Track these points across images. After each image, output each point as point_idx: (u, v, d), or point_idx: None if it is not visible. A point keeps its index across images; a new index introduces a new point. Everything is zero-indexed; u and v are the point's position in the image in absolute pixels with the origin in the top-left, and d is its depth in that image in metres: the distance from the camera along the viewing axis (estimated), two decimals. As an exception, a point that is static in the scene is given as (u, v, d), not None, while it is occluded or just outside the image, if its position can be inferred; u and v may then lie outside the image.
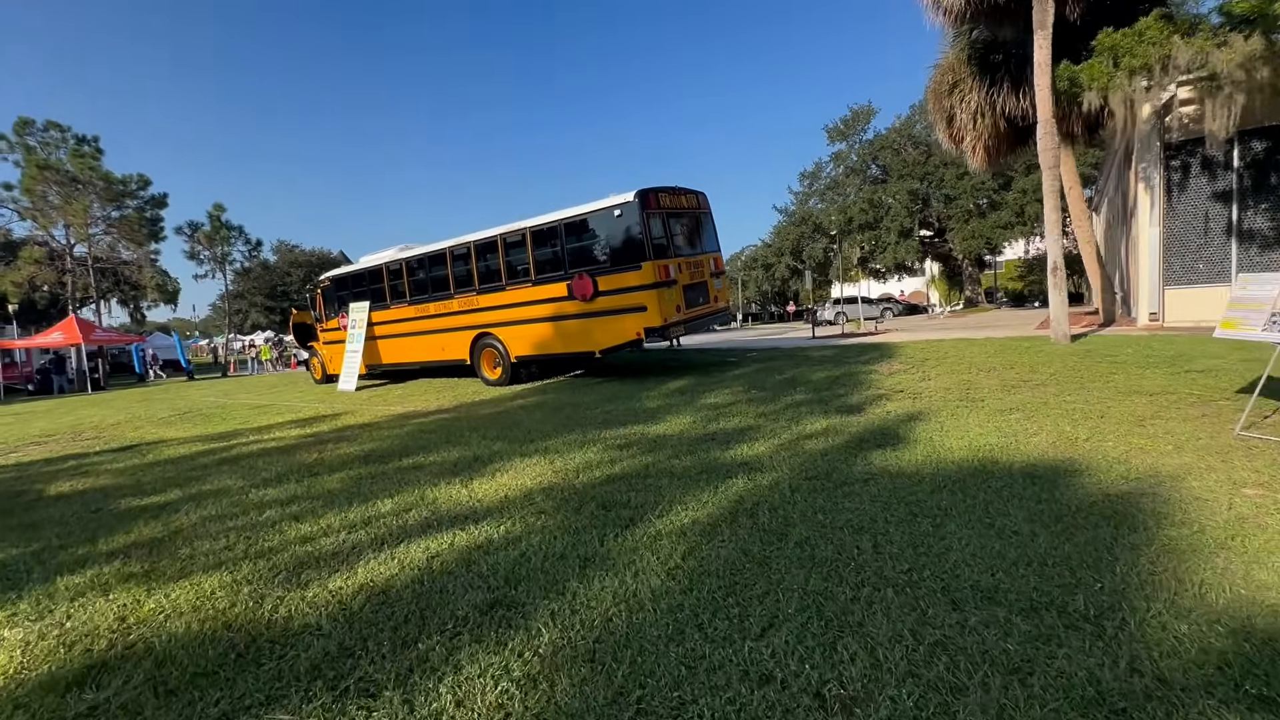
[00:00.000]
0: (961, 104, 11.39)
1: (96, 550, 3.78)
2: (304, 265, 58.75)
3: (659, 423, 6.40)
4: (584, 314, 9.34)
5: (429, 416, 8.22)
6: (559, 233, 9.52)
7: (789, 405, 6.72)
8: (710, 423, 6.20)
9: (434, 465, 5.34)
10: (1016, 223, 30.76)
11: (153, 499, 4.96)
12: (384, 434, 7.15)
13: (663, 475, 4.46)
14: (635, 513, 3.68)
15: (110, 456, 7.26)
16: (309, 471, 5.48)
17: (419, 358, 12.36)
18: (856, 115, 38.85)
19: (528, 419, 7.26)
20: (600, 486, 4.29)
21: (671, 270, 8.87)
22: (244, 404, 12.32)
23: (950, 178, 32.56)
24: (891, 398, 6.62)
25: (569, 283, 9.39)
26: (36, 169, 24.18)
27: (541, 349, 10.12)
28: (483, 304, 10.77)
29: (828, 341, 14.47)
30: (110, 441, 8.64)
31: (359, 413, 9.28)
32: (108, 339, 25.16)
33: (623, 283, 8.82)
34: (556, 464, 5.03)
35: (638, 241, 8.61)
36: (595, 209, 9.05)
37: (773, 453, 4.86)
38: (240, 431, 8.43)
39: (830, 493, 3.80)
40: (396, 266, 12.39)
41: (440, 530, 3.63)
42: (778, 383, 8.28)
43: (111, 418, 11.89)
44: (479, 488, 4.49)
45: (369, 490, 4.67)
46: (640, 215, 8.57)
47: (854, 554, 2.89)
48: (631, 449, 5.37)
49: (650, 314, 8.61)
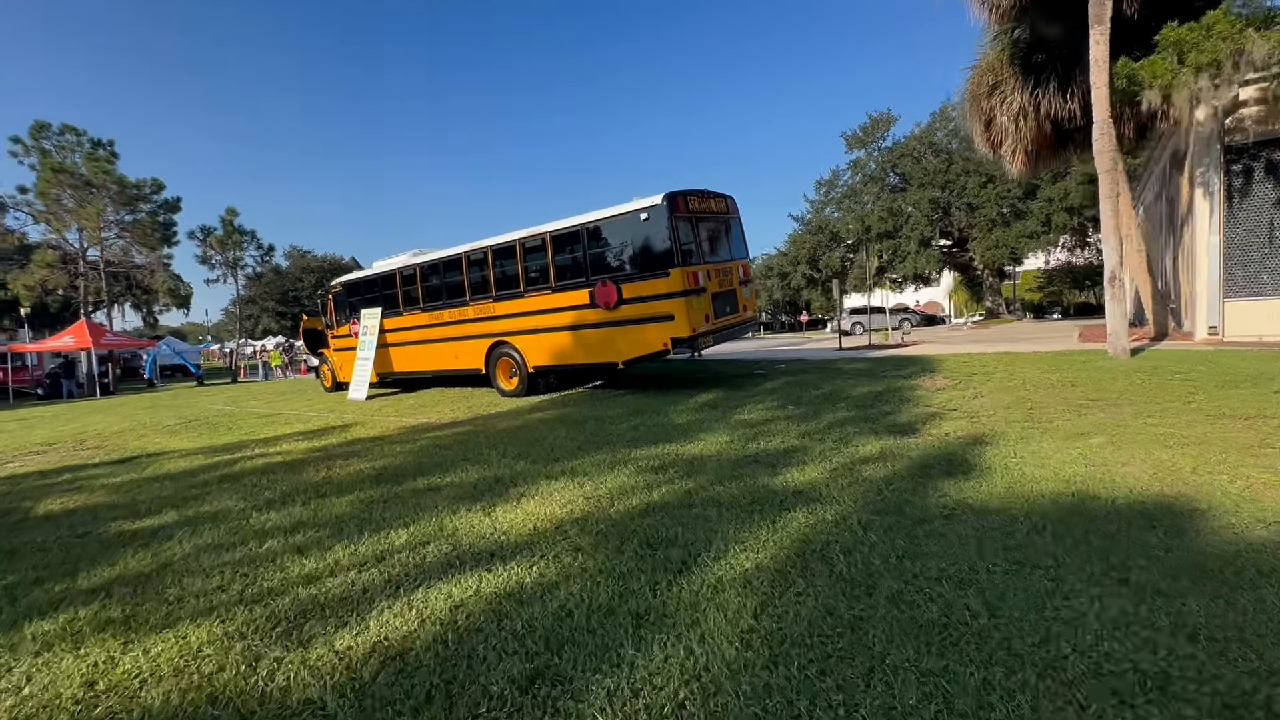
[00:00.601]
0: (1002, 106, 10.90)
1: (75, 586, 3.37)
2: (315, 271, 58.96)
3: (693, 441, 5.93)
4: (607, 323, 8.90)
5: (443, 430, 7.79)
6: (581, 237, 9.11)
7: (833, 424, 6.23)
8: (749, 442, 5.73)
9: (452, 487, 4.90)
10: (1042, 232, 30.06)
11: (145, 522, 4.55)
12: (396, 449, 6.73)
13: (709, 505, 3.99)
14: (686, 553, 3.21)
15: (108, 470, 6.89)
16: (316, 492, 5.06)
17: (432, 366, 11.98)
18: (876, 123, 38.33)
19: (549, 435, 6.82)
20: (640, 518, 3.83)
21: (700, 277, 8.43)
22: (251, 412, 11.99)
23: (973, 186, 31.94)
24: (946, 417, 6.11)
25: (591, 290, 8.97)
26: (51, 172, 24.21)
27: (561, 359, 9.69)
28: (499, 311, 10.38)
29: (856, 353, 13.94)
30: (111, 452, 8.29)
31: (370, 424, 8.89)
32: (118, 343, 25.07)
33: (649, 290, 8.38)
34: (586, 489, 4.57)
35: (665, 247, 8.18)
36: (620, 212, 8.63)
37: (827, 480, 4.38)
38: (245, 443, 8.05)
39: (908, 532, 3.32)
40: (410, 272, 12.04)
41: (463, 570, 3.18)
42: (814, 398, 7.79)
43: (116, 425, 11.59)
44: (503, 516, 4.04)
45: (381, 517, 4.23)
46: (668, 219, 8.14)
47: (965, 618, 2.40)
48: (667, 472, 4.90)
49: (678, 323, 8.16)
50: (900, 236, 35.68)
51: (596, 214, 8.96)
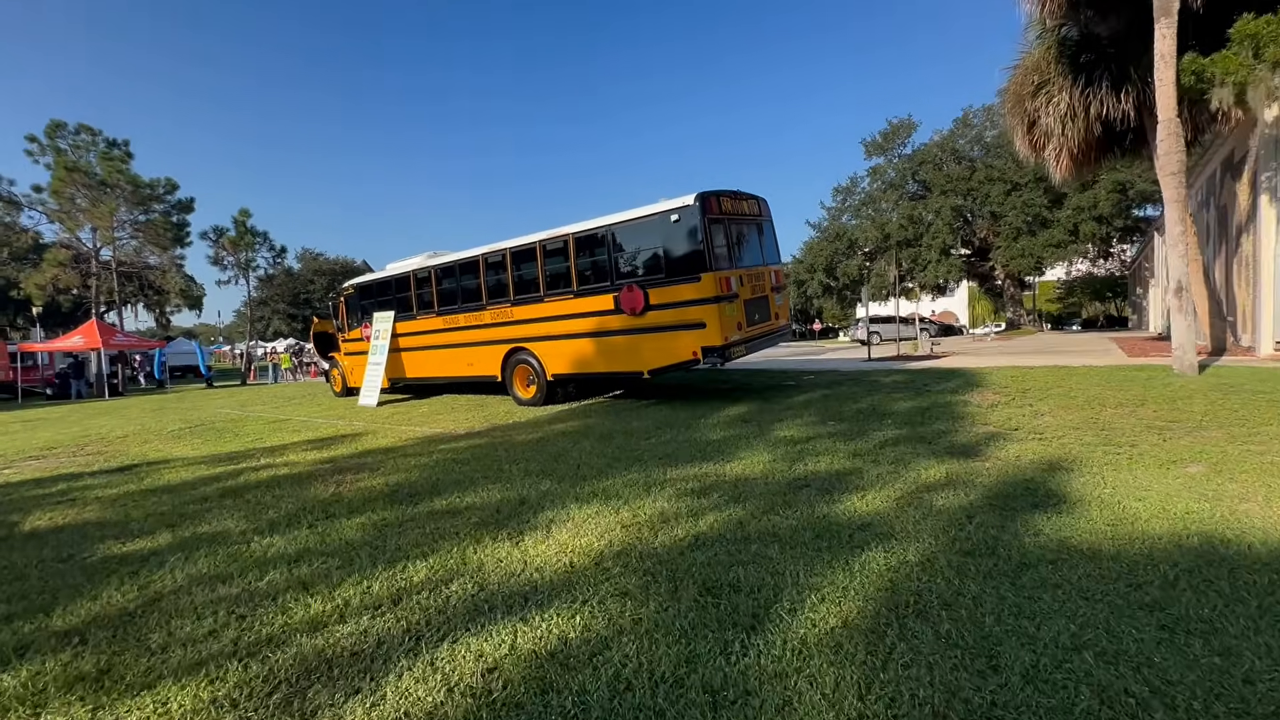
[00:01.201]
0: (1048, 106, 10.40)
1: (49, 626, 2.95)
2: (327, 273, 59.08)
3: (732, 460, 5.47)
4: (632, 330, 8.47)
5: (459, 441, 7.37)
6: (606, 240, 8.69)
7: (884, 443, 5.74)
8: (795, 463, 5.26)
9: (473, 510, 4.46)
10: (1070, 241, 29.37)
11: (137, 544, 4.14)
12: (410, 462, 6.31)
13: (767, 539, 3.52)
14: (754, 602, 2.75)
15: (105, 479, 6.51)
16: (324, 512, 4.64)
17: (445, 373, 11.59)
18: (896, 129, 37.80)
19: (574, 449, 6.37)
20: (691, 554, 3.37)
21: (733, 283, 7.98)
22: (259, 417, 11.64)
23: (997, 194, 31.30)
24: (1010, 437, 5.61)
25: (616, 295, 8.54)
26: (65, 171, 24.20)
27: (582, 367, 9.26)
28: (517, 316, 9.97)
29: (888, 365, 13.43)
30: (112, 458, 7.94)
31: (381, 433, 8.49)
32: (128, 344, 24.95)
33: (678, 296, 7.94)
34: (623, 515, 4.12)
35: (697, 250, 7.74)
36: (649, 213, 8.21)
37: (895, 510, 3.90)
38: (251, 452, 7.67)
39: (1012, 580, 2.84)
40: (425, 274, 11.67)
41: (494, 618, 2.73)
42: (856, 413, 7.30)
43: (120, 429, 11.28)
44: (534, 548, 3.59)
45: (396, 545, 3.79)
46: (700, 221, 7.70)
47: (1133, 710, 1.92)
48: (711, 497, 4.44)
49: (709, 331, 7.71)
50: (921, 245, 35.06)
51: (622, 215, 8.54)
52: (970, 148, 35.77)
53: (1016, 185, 30.76)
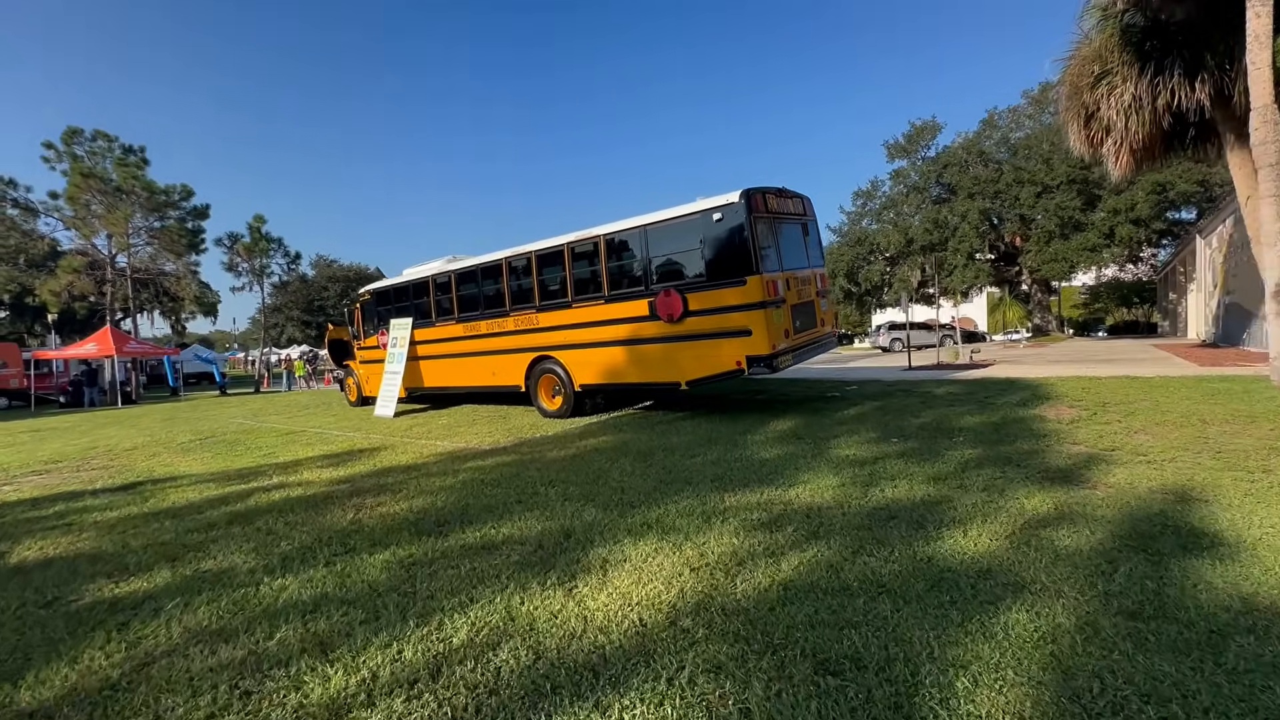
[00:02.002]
0: (1109, 98, 9.75)
1: (15, 702, 2.44)
2: (341, 280, 59.25)
3: (795, 484, 4.89)
4: (669, 337, 7.93)
5: (486, 459, 6.85)
6: (640, 241, 8.17)
7: (965, 465, 5.14)
8: (869, 488, 4.67)
9: (511, 544, 3.92)
10: (1105, 245, 28.48)
11: (131, 585, 3.64)
12: (435, 483, 5.79)
13: (872, 591, 2.95)
14: (890, 687, 2.18)
15: (106, 500, 6.05)
16: (342, 544, 4.12)
17: (466, 382, 11.11)
18: (920, 131, 37.09)
19: (613, 469, 5.83)
20: (784, 610, 2.80)
21: (780, 287, 7.43)
22: (272, 428, 11.22)
23: (1027, 196, 30.49)
24: (1111, 460, 4.99)
25: (652, 300, 8.01)
26: (80, 177, 24.19)
27: (613, 377, 8.73)
28: (543, 323, 9.47)
29: (932, 374, 12.78)
30: (117, 474, 7.51)
31: (400, 448, 8.00)
32: (142, 351, 24.82)
33: (721, 301, 7.39)
34: (688, 554, 3.56)
35: (742, 251, 7.19)
36: (688, 213, 7.68)
37: (1012, 552, 3.31)
38: (263, 469, 7.20)
39: (1215, 658, 2.24)
40: (444, 279, 11.23)
41: (560, 704, 2.18)
42: (919, 429, 6.70)
43: (129, 440, 10.92)
44: (592, 598, 3.05)
45: (428, 590, 3.26)
46: (746, 220, 7.16)
47: None
48: (785, 530, 3.87)
49: (756, 339, 7.15)
50: (947, 249, 34.24)
51: (659, 215, 8.02)
52: (996, 149, 34.98)
53: (1047, 187, 29.96)
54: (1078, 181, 28.57)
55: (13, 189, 26.81)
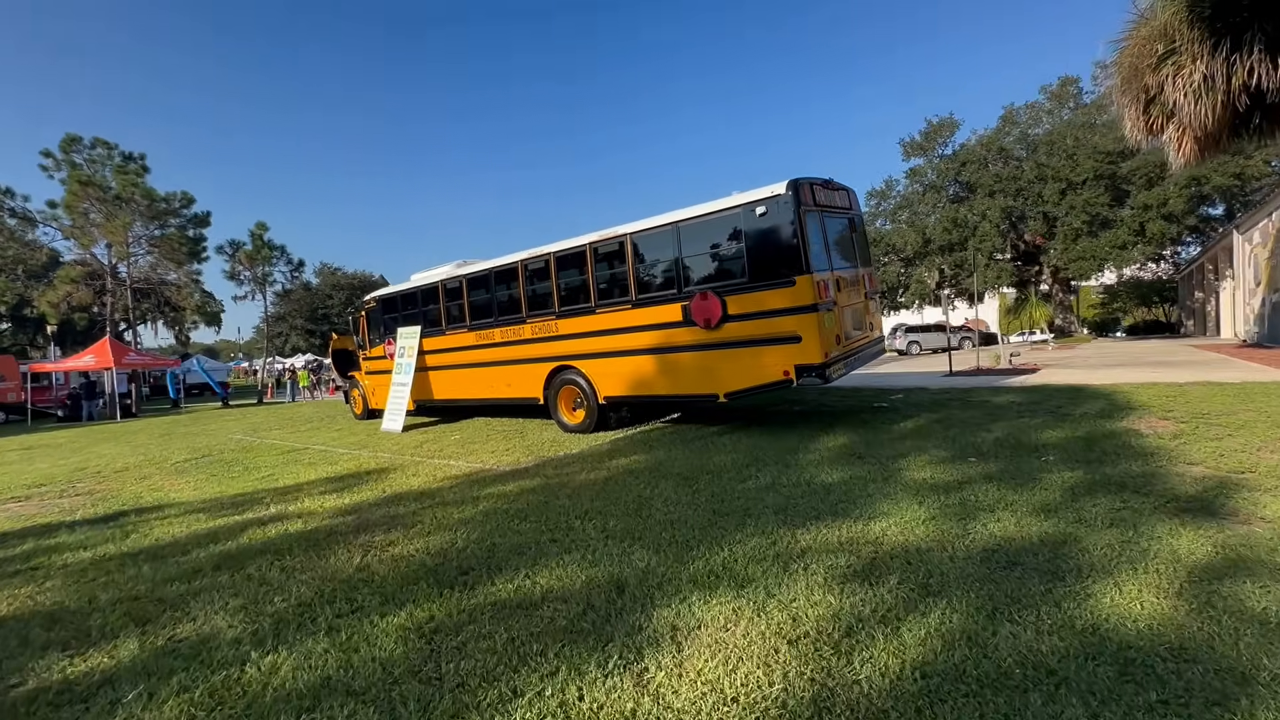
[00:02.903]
0: (1176, 78, 9.04)
1: None
2: (345, 288, 58.93)
3: (875, 516, 4.20)
4: (705, 345, 7.25)
5: (507, 482, 6.18)
6: (673, 240, 7.51)
7: (1070, 491, 4.43)
8: (966, 521, 3.98)
9: (552, 601, 3.24)
10: (1135, 242, 27.63)
11: (89, 661, 2.99)
12: (453, 515, 5.12)
13: (1047, 683, 2.26)
14: None
15: (83, 535, 5.42)
16: (348, 601, 3.45)
17: (478, 394, 10.46)
18: (936, 128, 36.38)
19: (654, 496, 5.15)
20: (937, 712, 2.11)
21: (831, 288, 6.74)
22: (272, 446, 10.60)
23: (1051, 193, 29.70)
24: (1252, 485, 4.28)
25: (686, 304, 7.34)
26: (79, 185, 23.77)
27: (641, 389, 8.06)
28: (564, 330, 8.81)
29: (977, 380, 12.04)
30: (101, 502, 6.89)
31: (411, 469, 7.34)
32: (142, 363, 24.33)
33: (765, 304, 6.72)
34: (777, 618, 2.88)
35: (790, 248, 6.51)
36: (727, 207, 7.02)
37: (1197, 619, 2.63)
38: (260, 495, 6.55)
39: None
40: (455, 285, 10.60)
41: None
42: (995, 445, 5.99)
43: (121, 459, 10.32)
44: (670, 691, 2.36)
45: (457, 675, 2.58)
46: (794, 213, 6.49)
47: None
48: (887, 582, 3.18)
49: (807, 346, 6.46)
50: (967, 249, 33.47)
51: (693, 210, 7.36)
52: (1016, 146, 34.23)
53: (1073, 183, 29.16)
54: (1105, 176, 27.78)
55: (10, 198, 26.48)
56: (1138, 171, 26.73)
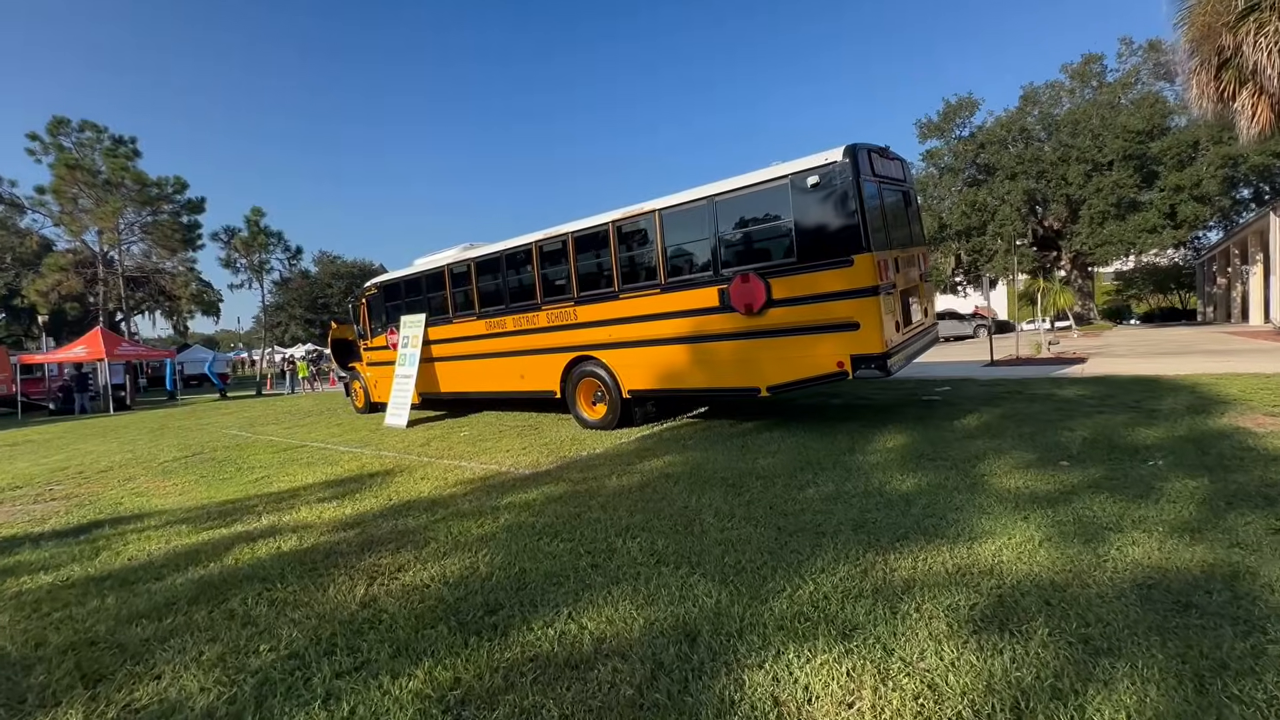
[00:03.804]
0: (1258, 36, 8.24)
1: None
2: (345, 277, 58.21)
3: (977, 536, 3.54)
4: (746, 333, 6.56)
5: (529, 488, 5.52)
6: (708, 216, 6.80)
7: (1207, 504, 3.76)
8: (1094, 544, 3.32)
9: (610, 657, 2.58)
10: (1165, 225, 26.74)
11: (18, 741, 2.34)
12: (471, 530, 4.46)
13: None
14: None
15: (48, 553, 4.78)
16: (350, 650, 2.81)
17: (489, 387, 9.80)
18: (954, 108, 35.31)
19: (702, 507, 4.48)
20: None
21: (890, 268, 6.04)
22: (268, 443, 9.96)
23: (1076, 175, 28.76)
24: None
25: (723, 288, 6.64)
26: (66, 169, 23.01)
27: (670, 382, 7.38)
28: (583, 318, 8.13)
29: (1023, 370, 11.35)
30: (77, 508, 6.26)
31: (419, 470, 6.69)
32: (135, 354, 23.71)
33: (817, 286, 6.01)
34: (907, 686, 2.24)
35: (847, 223, 5.80)
36: (773, 177, 6.29)
37: None
38: (251, 502, 5.91)
39: None
40: (463, 269, 9.90)
41: None
42: (1084, 445, 5.31)
43: (108, 457, 9.72)
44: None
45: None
46: (852, 183, 5.77)
47: None
48: (1034, 634, 2.51)
49: (865, 334, 5.77)
50: (986, 234, 32.57)
51: (732, 182, 6.64)
52: (1038, 127, 33.20)
53: (1099, 165, 28.23)
54: (1135, 157, 26.85)
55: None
56: (1169, 151, 25.81)
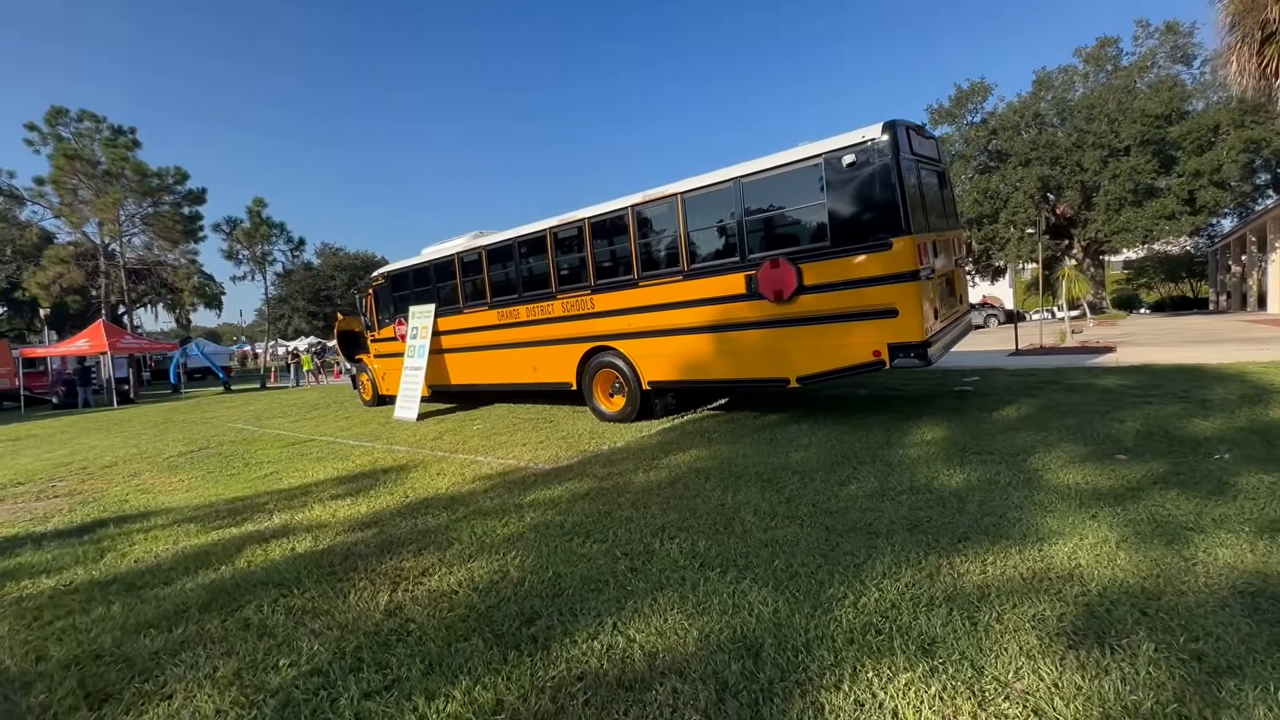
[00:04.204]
0: (1307, 8, 7.90)
1: None
2: (348, 269, 58.00)
3: (1048, 538, 3.30)
4: (775, 321, 6.29)
5: (552, 484, 5.28)
6: (735, 199, 6.51)
7: (1297, 504, 3.49)
8: (1177, 545, 3.08)
9: (668, 677, 2.35)
10: (1184, 212, 26.28)
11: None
12: (496, 530, 4.23)
13: None
14: None
15: (50, 554, 4.57)
16: (378, 666, 2.58)
17: (501, 379, 9.56)
18: (966, 94, 34.76)
19: (740, 505, 4.24)
20: None
21: (929, 253, 5.76)
22: (276, 437, 9.75)
23: (1092, 161, 28.28)
24: None
25: (751, 274, 6.37)
26: (65, 159, 22.74)
27: (693, 373, 7.13)
28: (601, 307, 7.87)
29: (1051, 360, 11.07)
30: (80, 506, 6.06)
31: (434, 466, 6.46)
32: (138, 347, 23.54)
33: (852, 271, 5.74)
34: (1009, 713, 1.98)
35: (887, 204, 5.51)
36: (805, 156, 6.00)
37: None
38: (262, 499, 5.69)
39: None
40: (474, 258, 9.64)
41: None
42: (1141, 439, 5.05)
43: (112, 452, 9.52)
44: None
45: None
46: (892, 163, 5.49)
47: None
48: (1139, 649, 2.28)
49: (904, 321, 5.50)
50: (999, 221, 32.12)
51: (760, 162, 6.35)
52: (1051, 112, 32.64)
53: (1115, 150, 27.75)
54: (1153, 142, 26.36)
55: (-5, 174, 25.48)
56: (1188, 136, 25.34)
